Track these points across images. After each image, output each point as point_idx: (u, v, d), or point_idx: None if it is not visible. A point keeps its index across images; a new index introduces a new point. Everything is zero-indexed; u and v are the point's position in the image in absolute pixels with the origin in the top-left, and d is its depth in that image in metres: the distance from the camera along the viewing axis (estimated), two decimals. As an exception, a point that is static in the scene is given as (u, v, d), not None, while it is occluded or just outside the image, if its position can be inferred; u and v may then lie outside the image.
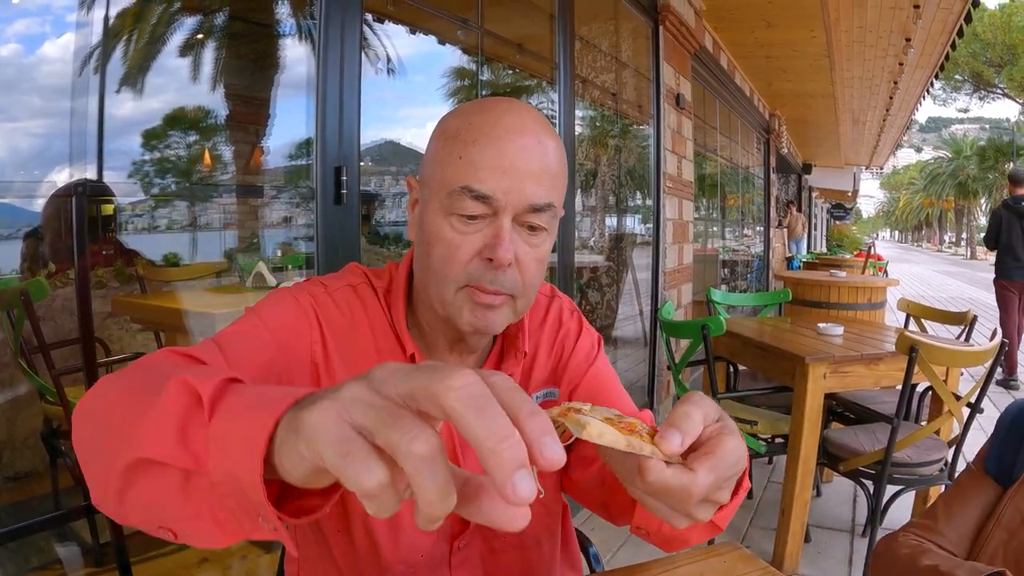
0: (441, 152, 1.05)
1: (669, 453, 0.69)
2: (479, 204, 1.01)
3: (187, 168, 3.75)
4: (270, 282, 3.24)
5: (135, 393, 0.71)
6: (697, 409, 0.74)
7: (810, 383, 3.31)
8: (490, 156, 1.01)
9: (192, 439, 0.60)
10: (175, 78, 3.51)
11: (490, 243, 1.02)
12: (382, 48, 4.39)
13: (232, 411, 0.59)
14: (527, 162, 1.02)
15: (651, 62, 5.34)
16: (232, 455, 0.56)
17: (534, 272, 1.08)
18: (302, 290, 1.15)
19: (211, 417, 0.59)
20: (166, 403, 0.62)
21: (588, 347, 1.33)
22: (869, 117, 12.71)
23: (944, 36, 7.48)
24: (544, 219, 1.05)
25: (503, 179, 1.01)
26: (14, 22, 2.65)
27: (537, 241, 1.07)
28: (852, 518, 4.09)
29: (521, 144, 1.02)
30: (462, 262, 1.03)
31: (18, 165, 2.69)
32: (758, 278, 11.85)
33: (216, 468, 0.58)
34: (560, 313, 1.34)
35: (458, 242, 1.03)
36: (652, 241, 5.48)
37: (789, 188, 18.93)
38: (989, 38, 35.25)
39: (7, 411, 2.65)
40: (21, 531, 2.02)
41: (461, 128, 1.04)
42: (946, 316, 4.65)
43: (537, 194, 1.03)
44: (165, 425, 0.61)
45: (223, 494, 0.58)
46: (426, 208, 1.07)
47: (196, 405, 0.61)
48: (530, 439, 0.50)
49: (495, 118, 1.04)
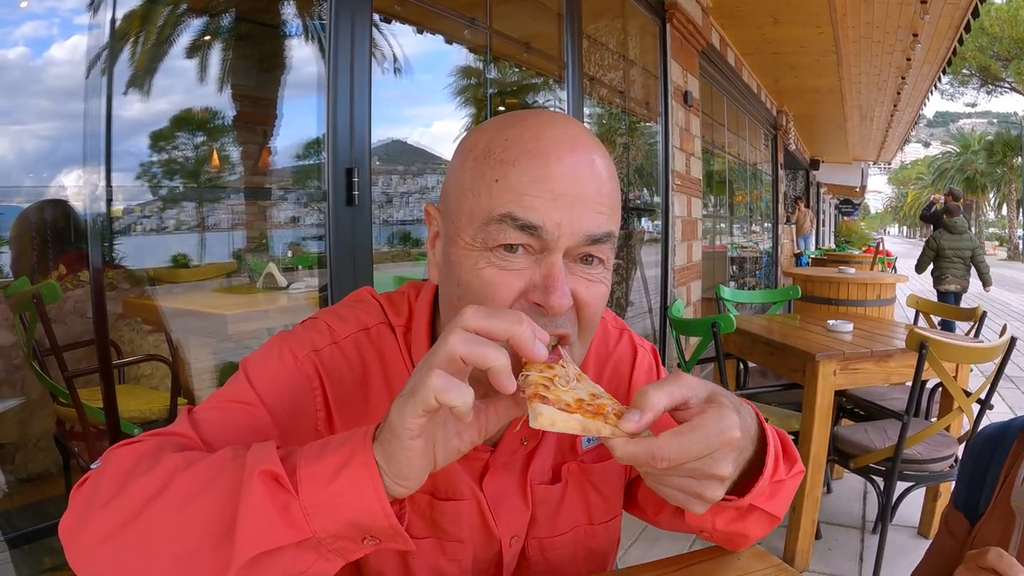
0: (471, 175, 0.87)
1: (628, 431, 0.70)
2: (524, 235, 0.83)
3: (195, 169, 3.76)
4: (280, 283, 3.25)
5: (184, 509, 0.71)
6: (659, 388, 0.73)
7: (820, 380, 3.30)
8: (536, 178, 0.83)
9: (293, 516, 0.67)
10: (182, 79, 3.52)
11: (540, 284, 0.83)
12: (389, 48, 4.40)
13: (317, 476, 0.68)
14: (580, 185, 0.84)
15: (659, 60, 5.34)
16: (348, 507, 0.67)
17: (595, 311, 0.89)
18: (303, 346, 0.98)
19: (297, 489, 0.67)
20: (251, 498, 0.67)
21: (647, 368, 1.20)
22: (876, 112, 12.67)
23: (951, 31, 7.45)
24: (604, 251, 0.87)
25: (554, 206, 0.82)
26: (22, 25, 2.66)
27: (596, 273, 0.88)
28: (863, 515, 4.08)
29: (572, 163, 0.84)
30: (504, 303, 0.84)
31: (25, 168, 2.71)
32: (767, 275, 11.83)
33: (327, 527, 0.67)
34: (606, 337, 1.18)
35: (498, 280, 0.84)
36: (661, 239, 5.48)
37: (797, 184, 18.88)
38: (996, 32, 35.05)
39: (20, 413, 2.66)
40: (35, 533, 2.03)
41: (494, 145, 0.86)
42: (955, 312, 4.63)
43: (595, 223, 0.85)
44: (262, 517, 0.66)
45: (336, 537, 0.69)
46: (453, 243, 0.88)
47: (277, 486, 0.67)
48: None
49: (536, 132, 0.86)
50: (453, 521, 1.02)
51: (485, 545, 1.06)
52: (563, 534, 1.11)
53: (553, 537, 1.11)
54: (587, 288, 0.87)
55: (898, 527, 3.68)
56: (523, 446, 1.05)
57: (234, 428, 0.90)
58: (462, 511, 1.02)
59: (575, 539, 1.13)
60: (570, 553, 1.13)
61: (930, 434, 3.22)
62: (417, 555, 1.02)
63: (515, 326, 0.68)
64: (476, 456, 1.02)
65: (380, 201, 5.35)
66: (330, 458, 0.67)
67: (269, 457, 0.68)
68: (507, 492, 1.06)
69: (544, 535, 1.10)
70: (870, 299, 6.81)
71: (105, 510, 0.74)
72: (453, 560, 1.04)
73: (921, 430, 3.20)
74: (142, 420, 2.61)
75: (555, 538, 1.11)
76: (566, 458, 1.10)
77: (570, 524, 1.12)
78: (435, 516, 1.02)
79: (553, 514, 1.10)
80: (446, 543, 1.03)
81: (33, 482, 2.72)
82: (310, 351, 0.98)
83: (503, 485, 1.05)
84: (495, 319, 0.69)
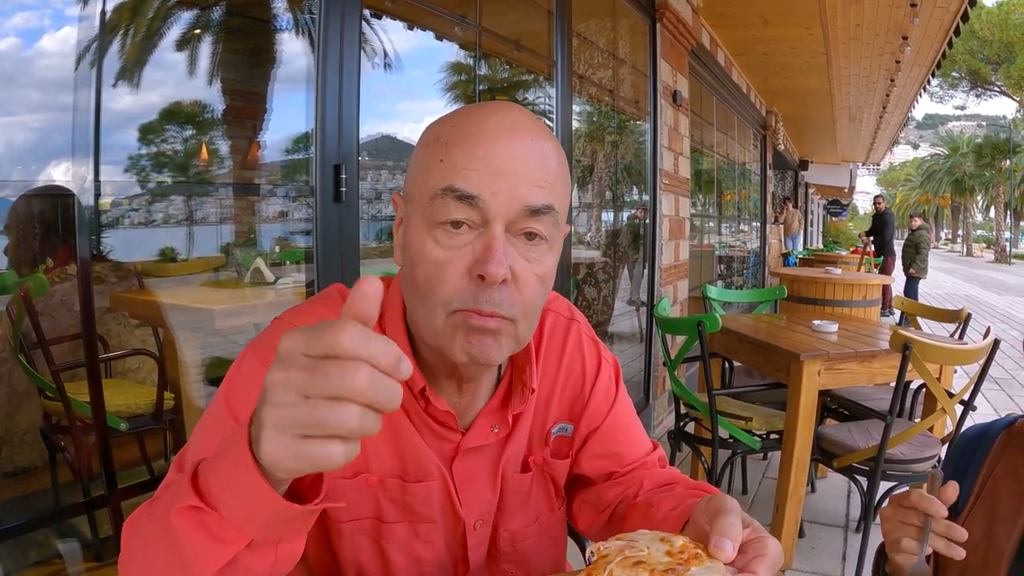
0: (421, 159, 0.94)
1: (724, 561, 0.79)
2: (464, 207, 0.88)
3: (184, 163, 3.75)
4: (268, 277, 3.25)
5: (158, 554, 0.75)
6: (737, 516, 0.83)
7: (804, 380, 3.33)
8: (476, 155, 0.89)
9: (225, 532, 0.68)
10: (172, 73, 3.50)
11: (480, 257, 0.88)
12: (379, 43, 4.39)
13: (227, 489, 0.68)
14: (520, 162, 0.90)
15: (648, 59, 5.36)
16: (260, 510, 0.66)
17: (535, 291, 0.93)
18: (265, 351, 0.98)
19: (216, 509, 0.68)
20: (184, 537, 0.69)
21: (607, 384, 1.24)
22: (866, 114, 12.72)
23: (941, 34, 7.49)
24: (543, 225, 0.91)
25: (493, 180, 0.88)
26: (12, 16, 2.65)
27: (536, 254, 0.93)
28: (846, 513, 4.11)
29: (512, 142, 0.90)
30: (450, 282, 0.89)
31: (15, 160, 2.69)
32: (754, 274, 11.88)
33: (258, 528, 0.68)
34: (580, 341, 1.22)
35: (444, 259, 0.89)
36: (648, 237, 5.49)
37: (785, 184, 18.96)
38: (987, 36, 35.22)
39: (6, 406, 2.66)
40: (21, 527, 2.03)
41: (443, 132, 0.93)
42: (940, 314, 4.67)
43: (534, 195, 0.90)
44: (201, 547, 0.69)
45: (273, 529, 0.69)
46: (409, 225, 0.94)
47: (198, 514, 0.69)
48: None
49: (480, 119, 0.92)
50: (424, 502, 1.06)
51: (453, 527, 1.10)
52: (530, 525, 1.18)
53: (523, 528, 1.17)
54: (527, 265, 0.92)
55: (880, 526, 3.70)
56: (494, 433, 1.09)
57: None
58: (432, 491, 1.06)
59: (540, 529, 1.20)
60: (536, 543, 1.20)
61: (913, 434, 3.26)
62: (391, 540, 1.06)
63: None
64: (448, 438, 1.06)
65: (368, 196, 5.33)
66: (224, 470, 0.68)
67: (182, 494, 0.70)
68: (475, 476, 1.10)
69: (515, 527, 1.16)
70: (856, 300, 6.86)
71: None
72: (427, 542, 1.08)
73: (904, 430, 3.23)
74: (128, 414, 2.61)
75: (524, 528, 1.18)
76: (533, 451, 1.17)
77: (535, 515, 1.19)
78: (407, 499, 1.05)
79: (523, 504, 1.17)
80: (419, 525, 1.07)
81: (19, 476, 2.71)
82: (273, 352, 0.97)
83: (472, 469, 1.09)
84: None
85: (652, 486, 1.18)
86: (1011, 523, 1.23)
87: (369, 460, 1.03)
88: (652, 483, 1.18)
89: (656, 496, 1.12)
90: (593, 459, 1.23)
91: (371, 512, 1.05)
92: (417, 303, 0.94)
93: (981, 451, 1.35)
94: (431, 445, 1.05)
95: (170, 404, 2.80)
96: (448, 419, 1.04)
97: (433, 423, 1.04)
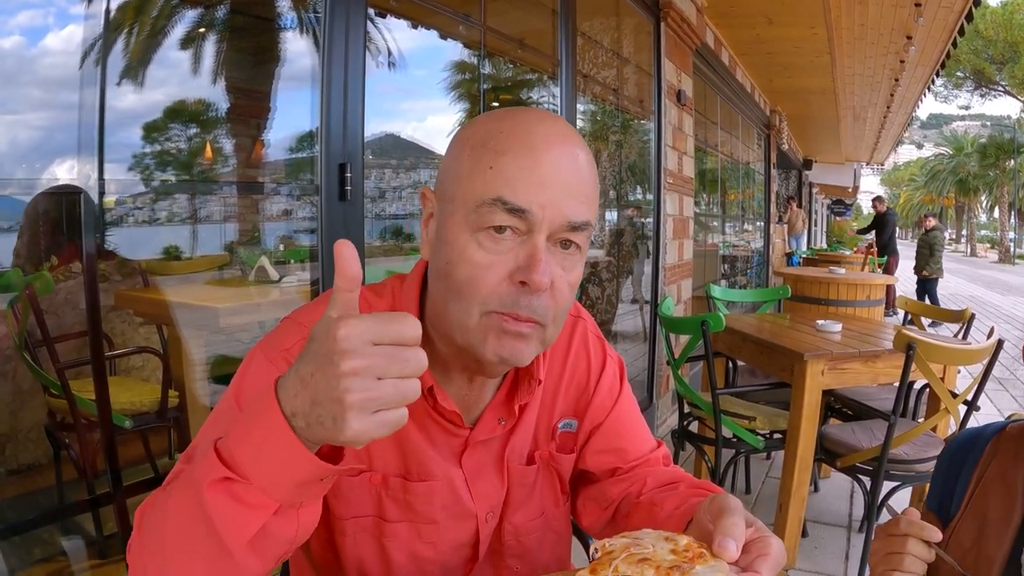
0: (467, 162, 0.95)
1: (728, 560, 0.80)
2: (512, 218, 0.91)
3: (188, 161, 3.76)
4: (272, 276, 3.25)
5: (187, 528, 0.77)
6: (741, 516, 0.85)
7: (808, 379, 3.33)
8: (525, 166, 0.92)
9: (255, 499, 0.73)
10: (176, 71, 3.51)
11: (524, 265, 0.92)
12: (384, 42, 4.40)
13: (261, 455, 0.72)
14: (564, 175, 0.93)
15: (652, 58, 5.35)
16: (290, 473, 0.72)
17: (567, 298, 0.98)
18: (274, 349, 1.01)
19: (247, 477, 0.73)
20: (215, 508, 0.73)
21: (611, 381, 1.27)
22: (870, 114, 12.71)
23: (945, 34, 7.48)
24: (581, 238, 0.96)
25: (540, 192, 0.91)
26: (17, 14, 2.66)
27: (571, 263, 0.97)
28: (849, 513, 4.11)
29: (557, 155, 0.93)
30: (490, 285, 0.92)
31: (18, 159, 2.70)
32: (758, 274, 11.86)
33: (286, 493, 0.73)
34: (586, 338, 1.26)
35: (487, 262, 0.92)
36: (652, 237, 5.49)
37: (789, 184, 18.92)
38: (991, 35, 35.12)
39: (11, 404, 2.66)
40: (25, 524, 2.03)
41: (490, 136, 0.95)
42: (944, 314, 4.66)
43: (576, 211, 0.94)
44: (233, 516, 0.73)
45: (298, 494, 0.75)
46: (446, 224, 0.96)
47: (229, 484, 0.73)
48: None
49: (528, 126, 0.95)
50: (426, 502, 1.08)
51: (459, 524, 1.12)
52: (535, 519, 1.21)
53: (527, 522, 1.20)
54: (564, 272, 0.96)
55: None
56: (501, 426, 1.13)
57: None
58: (434, 491, 1.08)
59: (544, 523, 1.23)
60: (540, 537, 1.22)
61: (916, 435, 3.25)
62: (393, 539, 1.08)
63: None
64: (456, 433, 1.09)
65: (373, 195, 5.35)
66: (255, 433, 0.73)
67: (210, 468, 0.74)
68: (484, 469, 1.14)
69: (519, 521, 1.19)
70: (860, 299, 6.85)
71: (140, 561, 0.82)
72: (428, 543, 1.10)
73: (908, 430, 3.23)
74: (133, 412, 2.61)
75: (529, 522, 1.20)
76: (539, 446, 1.20)
77: (540, 509, 1.22)
78: (408, 498, 1.08)
79: (527, 497, 1.19)
80: (420, 525, 1.09)
81: (23, 473, 2.72)
82: (281, 351, 1.01)
83: (481, 462, 1.13)
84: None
85: (655, 484, 1.19)
86: (1001, 530, 1.21)
87: (373, 459, 1.06)
88: (655, 481, 1.20)
89: (659, 495, 1.14)
90: (597, 454, 1.25)
91: (373, 511, 1.08)
92: (450, 300, 0.96)
93: (973, 455, 1.34)
94: (439, 441, 1.08)
95: (174, 402, 2.81)
96: (454, 418, 1.06)
97: (441, 420, 1.07)
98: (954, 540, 1.27)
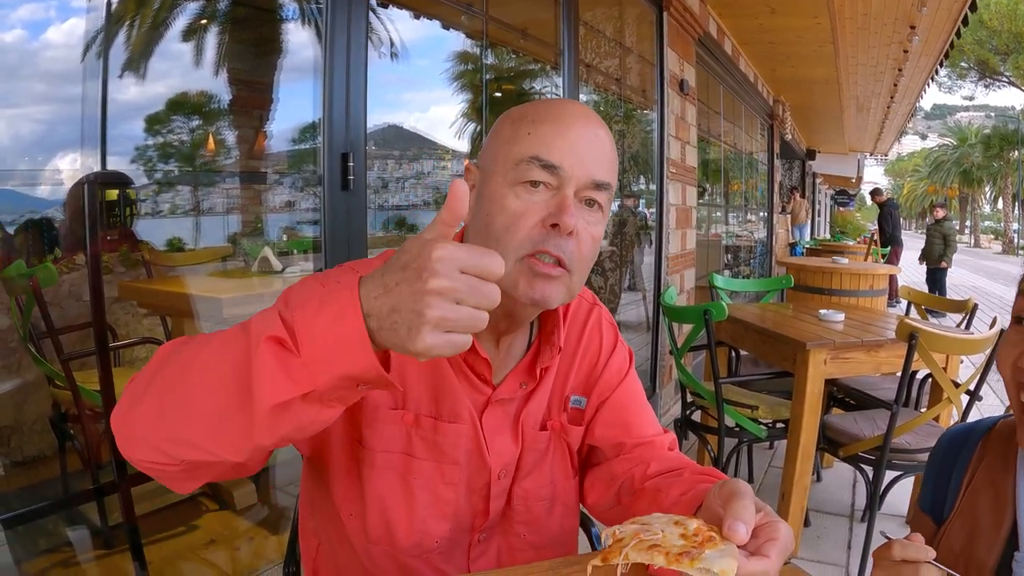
0: (508, 131, 1.11)
1: (738, 543, 0.84)
2: (546, 173, 1.05)
3: (190, 153, 3.76)
4: (276, 266, 3.26)
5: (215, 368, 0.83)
6: (751, 500, 0.90)
7: (811, 369, 3.33)
8: (558, 132, 1.07)
9: (296, 374, 0.76)
10: (178, 63, 3.51)
11: (555, 211, 1.05)
12: (386, 32, 4.39)
13: (325, 333, 0.76)
14: (590, 142, 1.09)
15: (655, 48, 5.34)
16: (342, 363, 0.76)
17: (590, 249, 1.11)
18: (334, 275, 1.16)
19: (299, 349, 0.76)
20: (261, 361, 0.77)
21: (620, 362, 1.38)
22: (873, 104, 12.65)
23: (949, 24, 7.44)
24: (603, 197, 1.10)
25: (570, 153, 1.06)
26: (19, 7, 2.65)
27: (594, 219, 1.11)
28: (851, 503, 4.12)
29: (584, 126, 1.09)
30: (525, 228, 1.05)
31: (21, 152, 2.70)
32: (761, 264, 11.84)
33: (326, 381, 0.77)
34: (600, 322, 1.38)
35: (522, 210, 1.05)
36: (655, 226, 5.49)
37: (793, 174, 18.87)
38: (995, 26, 34.95)
39: (15, 396, 2.67)
40: (31, 514, 2.05)
41: (528, 112, 1.11)
42: (947, 304, 4.66)
43: (600, 171, 1.09)
44: (273, 376, 0.76)
45: (335, 388, 0.78)
46: (488, 184, 1.10)
47: (281, 348, 0.77)
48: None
49: (560, 106, 1.13)
50: (453, 444, 1.18)
51: (478, 472, 1.21)
52: (544, 487, 1.29)
53: (537, 489, 1.28)
54: (587, 226, 1.09)
55: (886, 516, 3.71)
56: (521, 389, 1.24)
57: None
58: (461, 434, 1.18)
59: (552, 493, 1.31)
60: (548, 507, 1.30)
61: (919, 424, 3.25)
62: (418, 476, 1.17)
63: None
64: (480, 390, 1.20)
65: (375, 186, 5.34)
66: (326, 313, 0.76)
67: (273, 323, 0.78)
68: (501, 427, 1.23)
69: (530, 486, 1.27)
70: (863, 289, 6.84)
71: (149, 388, 0.87)
72: (450, 484, 1.19)
73: (910, 420, 3.23)
74: (137, 403, 2.61)
75: (539, 490, 1.28)
76: (552, 415, 1.29)
77: (550, 477, 1.30)
78: (437, 438, 1.17)
79: (538, 462, 1.28)
80: (444, 466, 1.18)
81: (28, 464, 2.73)
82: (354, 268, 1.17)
83: (499, 420, 1.23)
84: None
85: (659, 469, 1.25)
86: (992, 536, 1.20)
87: (408, 398, 1.16)
88: (659, 466, 1.25)
89: (664, 482, 1.19)
90: (603, 427, 1.33)
91: (402, 448, 1.17)
92: (489, 247, 1.03)
93: (965, 453, 1.33)
94: (465, 393, 1.18)
95: (178, 393, 2.80)
96: (484, 369, 1.18)
97: (470, 373, 1.18)
98: (945, 543, 1.26)
